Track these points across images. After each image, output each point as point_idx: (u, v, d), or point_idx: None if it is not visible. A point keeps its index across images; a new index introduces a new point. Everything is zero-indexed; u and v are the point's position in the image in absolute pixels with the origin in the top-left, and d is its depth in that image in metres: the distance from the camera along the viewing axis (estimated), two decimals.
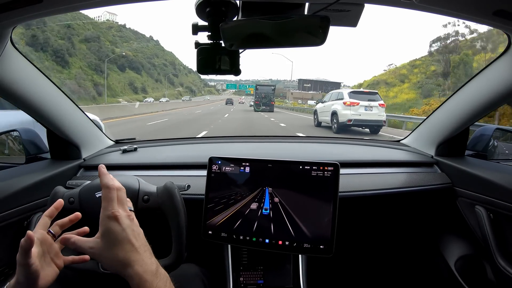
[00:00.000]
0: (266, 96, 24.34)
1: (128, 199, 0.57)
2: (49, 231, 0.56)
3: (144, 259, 0.51)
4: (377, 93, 10.36)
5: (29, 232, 0.48)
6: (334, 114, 9.75)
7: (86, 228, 0.60)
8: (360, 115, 9.26)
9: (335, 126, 9.66)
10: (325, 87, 65.23)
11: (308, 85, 69.30)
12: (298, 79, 76.99)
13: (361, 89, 12.29)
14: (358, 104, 9.24)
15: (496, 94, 0.95)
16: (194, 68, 0.79)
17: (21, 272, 0.49)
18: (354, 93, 9.85)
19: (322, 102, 11.20)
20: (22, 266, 0.49)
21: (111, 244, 0.50)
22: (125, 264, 0.50)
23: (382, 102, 9.63)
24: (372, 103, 9.35)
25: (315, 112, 11.91)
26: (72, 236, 0.54)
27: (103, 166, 0.56)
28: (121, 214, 0.52)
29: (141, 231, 0.54)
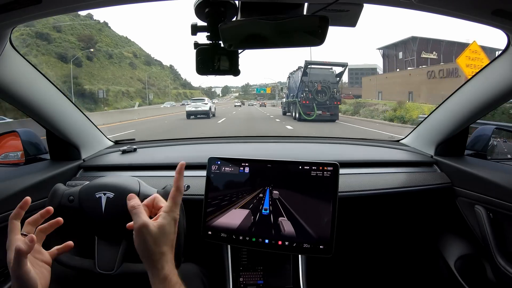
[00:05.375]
0: (324, 89, 12.77)
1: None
2: (22, 233, 0.53)
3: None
4: None
5: (18, 245, 0.47)
6: None
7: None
8: None
9: None
10: (447, 53, 27.61)
11: (433, 56, 28.10)
12: (383, 47, 34.31)
13: None
14: None
15: (495, 93, 0.95)
16: (168, 60, 0.70)
17: (19, 284, 0.49)
18: None
19: None
20: (19, 278, 0.48)
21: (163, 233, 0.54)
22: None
23: None
24: None
25: None
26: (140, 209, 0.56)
27: (183, 163, 0.58)
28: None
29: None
